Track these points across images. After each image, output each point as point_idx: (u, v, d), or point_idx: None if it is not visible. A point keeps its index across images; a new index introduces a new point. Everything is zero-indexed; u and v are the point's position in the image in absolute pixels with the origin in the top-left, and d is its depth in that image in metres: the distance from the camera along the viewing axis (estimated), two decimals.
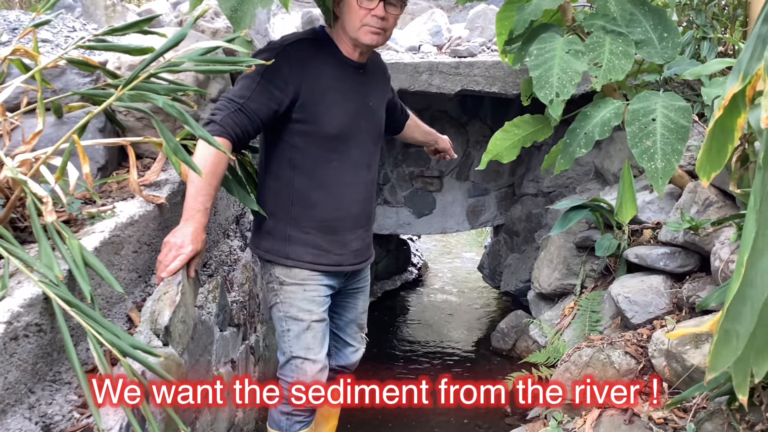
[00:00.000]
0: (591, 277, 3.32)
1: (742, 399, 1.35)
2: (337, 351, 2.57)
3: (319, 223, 2.23)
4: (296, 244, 2.23)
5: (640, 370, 2.52)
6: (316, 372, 2.25)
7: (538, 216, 4.78)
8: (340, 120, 2.18)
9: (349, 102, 2.21)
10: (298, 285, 2.24)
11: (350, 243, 2.30)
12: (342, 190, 2.24)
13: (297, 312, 2.24)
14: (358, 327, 2.58)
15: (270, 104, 2.10)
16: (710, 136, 1.57)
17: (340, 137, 2.20)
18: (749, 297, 1.24)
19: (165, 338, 1.86)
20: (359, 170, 2.28)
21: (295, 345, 2.25)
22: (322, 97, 2.15)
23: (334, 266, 2.28)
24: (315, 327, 2.25)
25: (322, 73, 2.16)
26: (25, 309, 1.51)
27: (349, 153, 2.23)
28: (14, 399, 1.51)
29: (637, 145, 2.46)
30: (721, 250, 2.42)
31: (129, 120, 2.40)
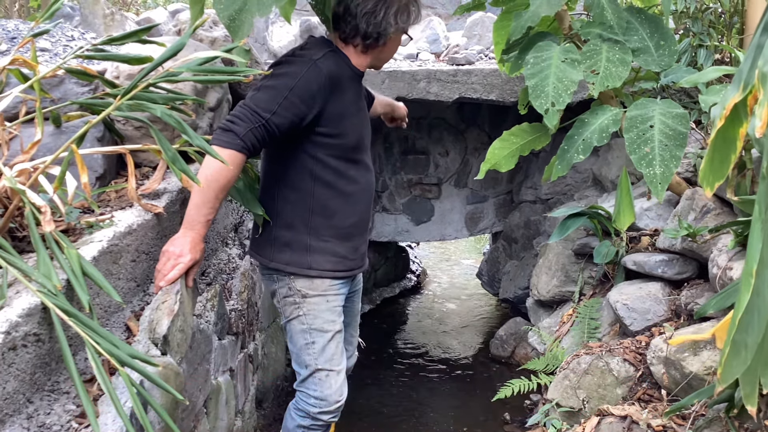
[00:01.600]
0: (589, 284, 3.32)
1: (751, 410, 1.35)
2: None
3: (337, 231, 2.25)
4: (317, 253, 2.23)
5: (638, 378, 2.52)
6: (340, 384, 2.27)
7: (536, 223, 4.78)
8: (357, 131, 2.25)
9: (361, 111, 2.31)
10: (321, 296, 2.25)
11: (360, 247, 2.36)
12: (358, 196, 2.29)
13: (322, 323, 2.24)
14: (353, 329, 2.60)
15: (294, 119, 2.09)
16: (712, 147, 1.57)
17: (357, 147, 2.26)
18: (757, 307, 1.24)
19: (163, 347, 1.86)
20: (369, 174, 2.34)
21: (320, 357, 2.24)
22: (347, 110, 2.20)
23: (349, 271, 2.32)
24: (337, 337, 2.28)
25: (345, 89, 2.20)
26: (24, 319, 1.51)
27: (362, 160, 2.30)
28: (12, 409, 1.51)
29: (636, 152, 2.47)
30: (718, 257, 2.43)
31: (127, 129, 2.41)
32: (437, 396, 4.13)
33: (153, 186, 2.20)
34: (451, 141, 5.11)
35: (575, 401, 2.55)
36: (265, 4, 2.07)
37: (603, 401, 2.49)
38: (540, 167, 4.72)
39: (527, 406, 3.60)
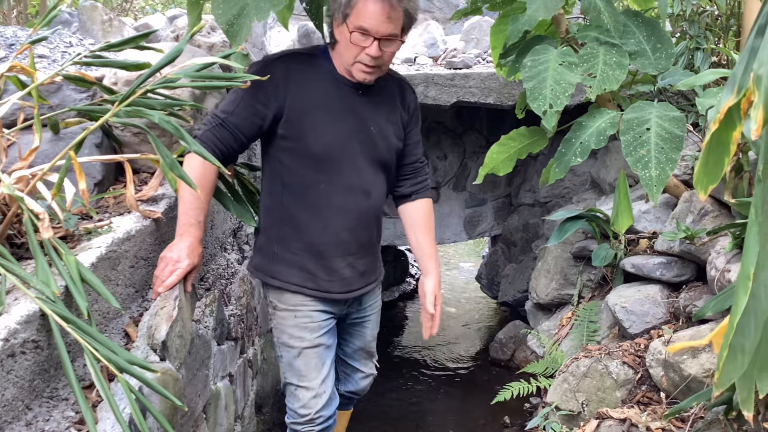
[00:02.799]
0: (588, 287, 3.33)
1: (747, 416, 1.35)
2: (345, 376, 2.53)
3: (306, 245, 2.16)
4: (282, 264, 2.18)
5: (638, 381, 2.52)
6: (309, 399, 2.20)
7: (535, 226, 4.79)
8: (327, 140, 2.09)
9: (340, 122, 2.11)
10: (289, 311, 2.19)
11: (340, 270, 2.20)
12: (330, 213, 2.15)
13: (288, 339, 2.20)
14: (367, 354, 2.51)
15: (253, 119, 2.07)
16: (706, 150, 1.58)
17: (327, 158, 2.10)
18: (752, 310, 1.24)
19: (162, 353, 1.86)
20: (352, 196, 2.15)
21: (288, 371, 2.23)
22: (308, 114, 2.09)
23: (322, 292, 2.19)
24: (307, 354, 2.19)
25: (310, 90, 2.09)
26: (22, 326, 1.51)
27: (339, 176, 2.13)
28: (12, 416, 1.51)
29: (632, 154, 2.48)
30: (716, 259, 2.43)
31: (126, 135, 2.41)
32: (437, 399, 4.13)
33: (149, 193, 2.21)
34: (450, 145, 5.11)
35: (575, 404, 2.55)
36: (263, 8, 2.08)
37: (602, 404, 2.49)
38: (538, 170, 4.73)
39: (527, 409, 3.59)
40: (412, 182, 2.36)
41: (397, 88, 2.25)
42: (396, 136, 2.23)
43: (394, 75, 2.27)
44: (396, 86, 2.25)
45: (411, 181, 2.36)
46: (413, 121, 2.31)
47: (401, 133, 2.25)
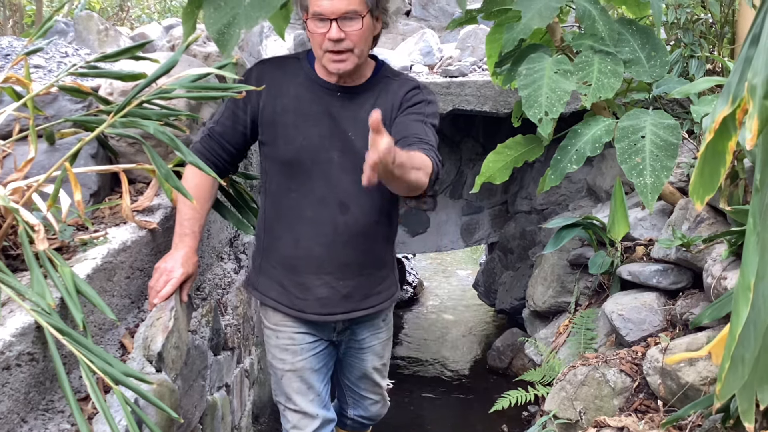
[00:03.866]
0: (585, 294, 3.33)
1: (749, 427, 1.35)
2: (354, 402, 2.46)
3: (282, 258, 2.10)
4: (264, 276, 2.15)
5: (635, 389, 2.52)
6: (298, 420, 2.17)
7: (532, 233, 4.79)
8: (296, 146, 2.00)
9: (312, 127, 2.00)
10: (271, 330, 2.17)
11: (315, 289, 2.08)
12: (301, 226, 2.05)
13: (271, 359, 2.19)
14: (371, 383, 2.39)
15: (236, 127, 2.06)
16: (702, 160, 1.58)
17: (298, 165, 2.01)
18: (752, 321, 1.24)
19: (158, 364, 1.85)
20: (325, 208, 2.02)
21: (276, 390, 2.23)
22: (280, 117, 2.01)
23: (296, 311, 2.11)
24: (290, 377, 2.15)
25: (283, 93, 2.02)
26: (17, 338, 1.51)
27: (311, 186, 2.02)
28: (7, 429, 1.50)
29: (627, 161, 2.48)
30: (713, 266, 2.43)
31: (121, 145, 2.41)
32: (435, 408, 4.12)
33: (145, 203, 2.21)
34: (446, 152, 5.11)
35: (572, 413, 2.54)
36: (253, 17, 2.08)
37: (600, 412, 2.48)
38: (535, 178, 4.73)
39: (525, 417, 3.59)
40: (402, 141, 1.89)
41: (393, 89, 2.05)
42: None
43: (395, 77, 2.09)
44: (393, 86, 2.05)
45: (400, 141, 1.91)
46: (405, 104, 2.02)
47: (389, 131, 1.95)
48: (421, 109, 2.04)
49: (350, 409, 2.47)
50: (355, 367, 2.34)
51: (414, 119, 2.00)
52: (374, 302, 2.18)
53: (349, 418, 2.49)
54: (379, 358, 2.34)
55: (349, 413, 2.47)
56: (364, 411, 2.47)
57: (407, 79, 2.12)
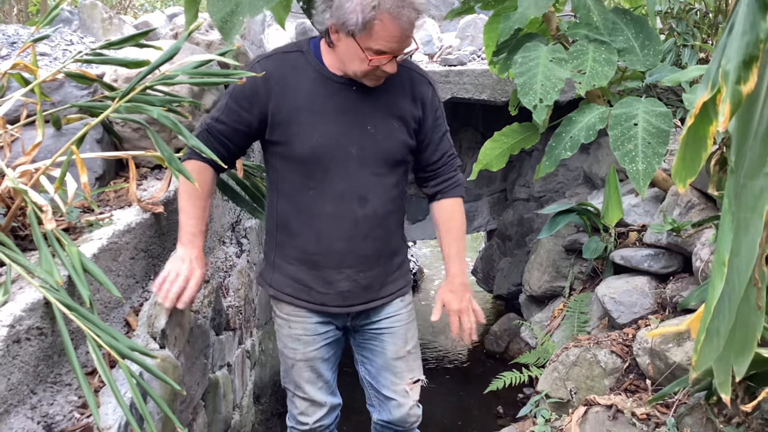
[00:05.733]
0: (579, 279, 3.39)
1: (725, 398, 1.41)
2: (379, 403, 2.30)
3: (301, 255, 2.06)
4: (279, 272, 2.12)
5: (625, 369, 2.58)
6: (306, 407, 2.19)
7: (529, 220, 4.85)
8: (314, 143, 1.96)
9: (328, 124, 1.97)
10: (283, 320, 2.15)
11: (337, 283, 2.07)
12: (322, 223, 2.02)
13: (283, 348, 2.17)
14: (393, 376, 2.23)
15: (237, 126, 2.00)
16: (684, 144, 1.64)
17: (315, 163, 1.98)
18: (727, 295, 1.30)
19: (162, 341, 1.93)
20: (345, 203, 2.01)
21: (286, 378, 2.21)
22: (294, 116, 1.97)
23: (317, 305, 2.09)
24: (300, 366, 2.15)
25: (293, 92, 1.97)
26: (27, 313, 1.58)
27: (329, 182, 1.99)
28: (17, 400, 1.57)
29: (619, 148, 2.54)
30: (701, 250, 2.50)
31: (126, 131, 2.47)
32: (433, 391, 4.16)
33: (160, 195, 2.25)
34: None
35: (564, 392, 2.61)
36: (256, 5, 2.13)
37: (591, 392, 2.55)
38: (533, 166, 4.79)
39: (520, 399, 3.66)
40: (437, 181, 2.18)
41: (407, 80, 2.05)
42: (406, 133, 2.04)
43: (404, 65, 2.04)
44: (406, 78, 2.04)
45: (435, 180, 2.18)
46: (430, 115, 2.10)
47: (412, 130, 2.06)
48: (441, 114, 2.16)
49: (375, 412, 2.32)
50: (375, 354, 2.22)
51: (441, 133, 2.15)
52: (392, 289, 2.18)
53: (374, 423, 2.35)
54: (402, 343, 2.21)
55: (373, 417, 2.33)
56: (387, 415, 2.28)
57: (416, 69, 2.11)
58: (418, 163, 2.15)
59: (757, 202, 1.28)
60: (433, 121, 2.11)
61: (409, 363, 2.24)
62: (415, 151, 2.10)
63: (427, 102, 2.09)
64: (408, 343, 2.23)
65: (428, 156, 2.14)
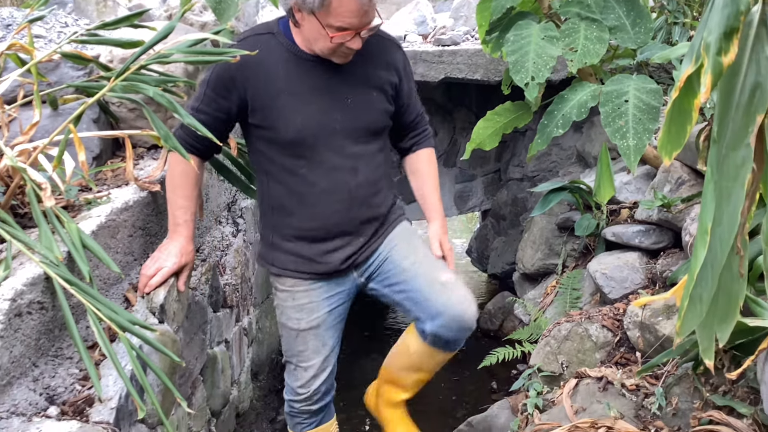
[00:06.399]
0: (572, 256, 3.43)
1: (708, 363, 1.46)
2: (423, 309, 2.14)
3: (298, 232, 2.11)
4: (279, 251, 2.15)
5: (616, 343, 2.63)
6: (308, 378, 2.20)
7: (523, 200, 4.89)
8: (298, 125, 1.99)
9: (310, 104, 2.00)
10: (287, 292, 2.17)
11: (337, 252, 2.12)
12: (316, 199, 2.06)
13: (286, 320, 2.19)
14: (423, 275, 2.14)
15: (217, 114, 2.02)
16: (669, 118, 1.67)
17: (301, 144, 2.01)
18: (709, 263, 1.34)
19: (160, 316, 1.97)
20: (338, 175, 2.05)
21: (288, 351, 2.23)
22: (273, 101, 1.99)
23: (321, 274, 2.14)
24: (305, 336, 2.17)
25: (270, 75, 1.99)
26: (28, 287, 1.61)
27: (319, 159, 2.03)
28: (20, 372, 1.61)
29: (611, 125, 2.57)
30: (690, 225, 2.54)
31: (122, 111, 2.49)
32: None
33: (156, 174, 2.29)
34: (439, 121, 5.20)
35: (556, 366, 2.66)
36: None
37: (582, 365, 2.60)
38: (526, 145, 4.82)
39: (513, 375, 3.71)
40: (410, 135, 2.30)
41: (379, 48, 2.09)
42: (385, 101, 2.10)
43: (375, 34, 2.04)
44: (377, 46, 2.07)
45: (409, 134, 2.30)
46: (404, 79, 2.17)
47: (390, 97, 2.12)
48: (411, 75, 2.24)
49: (427, 323, 2.15)
50: (396, 273, 2.16)
51: (412, 91, 2.24)
52: (388, 231, 2.21)
53: (427, 332, 2.17)
54: (413, 249, 2.20)
55: (428, 327, 2.15)
56: (439, 318, 2.11)
57: (383, 35, 2.13)
58: (396, 123, 2.22)
59: (738, 171, 1.31)
60: (407, 85, 2.20)
61: (436, 264, 2.20)
62: (394, 115, 2.17)
63: (400, 67, 2.15)
64: (419, 250, 2.20)
65: (405, 117, 2.25)
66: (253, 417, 3.02)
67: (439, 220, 2.32)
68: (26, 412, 1.57)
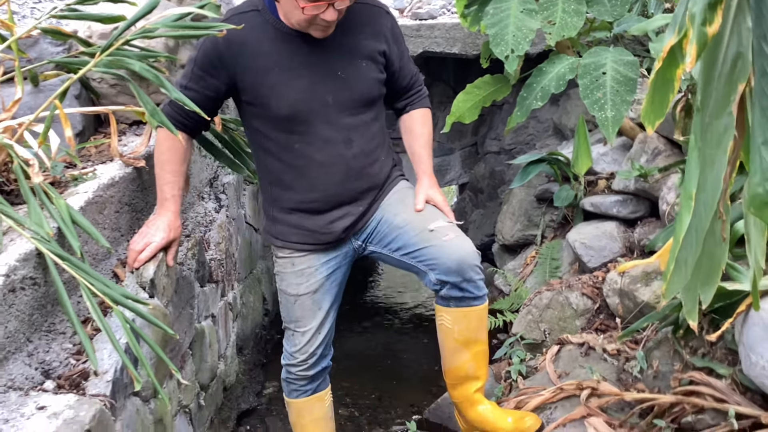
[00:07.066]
0: (551, 227, 3.49)
1: (692, 324, 1.51)
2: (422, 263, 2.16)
3: (298, 204, 2.13)
4: (281, 224, 2.18)
5: (596, 310, 2.70)
6: (305, 342, 2.22)
7: (501, 173, 4.94)
8: (290, 100, 2.01)
9: (300, 78, 2.01)
10: (287, 259, 2.20)
11: (338, 222, 2.14)
12: (313, 172, 2.08)
13: (286, 286, 2.22)
14: (419, 227, 2.14)
15: (206, 92, 2.03)
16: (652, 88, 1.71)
17: (295, 119, 2.03)
18: (694, 227, 1.39)
19: (151, 291, 1.98)
20: (333, 148, 2.07)
21: (287, 316, 2.26)
22: (264, 78, 2.00)
23: (325, 244, 2.17)
24: (304, 300, 2.20)
25: (258, 53, 1.99)
26: (21, 263, 1.62)
27: (314, 132, 2.05)
28: (14, 347, 1.62)
29: (589, 96, 2.62)
30: (668, 194, 2.60)
31: (103, 87, 2.48)
32: (410, 340, 4.30)
33: (141, 149, 2.29)
34: None
35: (538, 333, 2.73)
36: None
37: (564, 332, 2.66)
38: (503, 119, 4.86)
39: (495, 345, 3.77)
40: (405, 96, 2.30)
41: (365, 17, 2.08)
42: (376, 70, 2.11)
43: (361, 3, 2.05)
44: (363, 15, 2.08)
45: (404, 95, 2.30)
46: (394, 45, 2.16)
47: (381, 65, 2.12)
48: (401, 38, 2.23)
49: (429, 274, 2.16)
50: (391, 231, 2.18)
51: (405, 57, 2.24)
52: (387, 183, 2.25)
53: (435, 284, 2.18)
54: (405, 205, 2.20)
55: (432, 278, 2.16)
56: (437, 266, 2.12)
57: (368, 2, 2.12)
58: (391, 88, 2.23)
59: (721, 139, 1.35)
60: (398, 49, 2.19)
61: (426, 214, 2.19)
62: (387, 82, 2.18)
63: (388, 33, 2.14)
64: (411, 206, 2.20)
65: (400, 81, 2.25)
66: (240, 390, 3.05)
67: (428, 175, 2.30)
68: (23, 386, 1.58)
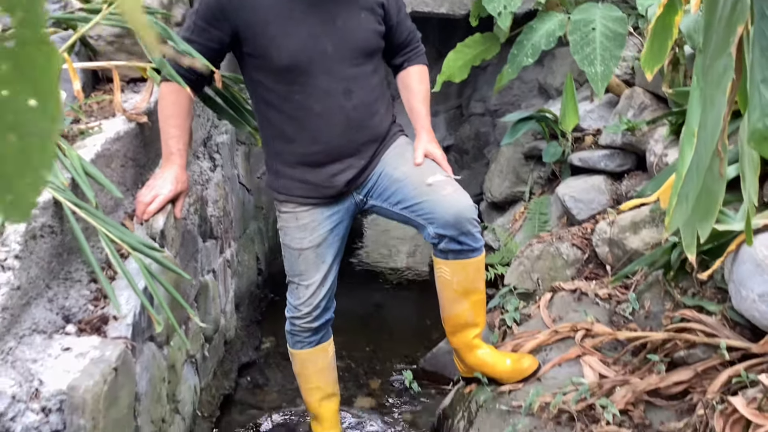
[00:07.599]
0: (539, 183, 3.57)
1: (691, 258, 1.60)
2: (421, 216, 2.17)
3: (301, 157, 2.15)
4: (285, 178, 2.19)
5: (585, 260, 2.79)
6: (309, 295, 2.26)
7: (486, 134, 5.00)
8: (290, 50, 2.03)
9: (299, 27, 2.04)
10: (290, 213, 2.22)
11: (340, 175, 2.16)
12: (314, 123, 2.11)
13: (290, 240, 2.24)
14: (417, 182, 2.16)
15: (209, 44, 2.05)
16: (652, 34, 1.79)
17: (295, 69, 2.05)
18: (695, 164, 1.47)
19: (161, 241, 2.02)
20: (332, 99, 2.09)
21: (291, 270, 2.29)
22: (264, 28, 2.03)
23: (328, 198, 2.19)
24: (307, 254, 2.22)
25: (259, 4, 2.03)
26: (40, 211, 1.66)
27: (313, 83, 2.07)
28: (36, 293, 1.67)
29: (579, 52, 2.69)
30: (655, 146, 2.68)
31: (100, 44, 2.49)
32: (398, 298, 4.39)
33: (142, 105, 2.31)
34: None
35: (530, 283, 2.82)
36: None
37: (555, 281, 2.75)
38: (488, 80, 4.90)
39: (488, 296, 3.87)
40: (403, 52, 2.32)
41: None
42: (375, 21, 2.15)
43: None
44: None
45: (401, 51, 2.32)
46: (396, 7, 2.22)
47: (379, 17, 2.16)
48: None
49: (428, 227, 2.17)
50: (390, 185, 2.20)
51: (403, 12, 2.28)
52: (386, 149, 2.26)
53: (434, 237, 2.18)
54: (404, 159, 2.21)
55: (430, 231, 2.16)
56: (435, 219, 2.14)
57: None
58: (389, 43, 2.25)
59: (721, 79, 1.42)
60: (395, 2, 2.23)
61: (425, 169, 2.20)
62: (385, 35, 2.20)
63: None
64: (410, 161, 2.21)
65: (397, 36, 2.26)
66: (239, 345, 3.11)
67: (426, 130, 2.31)
68: (46, 330, 1.64)
